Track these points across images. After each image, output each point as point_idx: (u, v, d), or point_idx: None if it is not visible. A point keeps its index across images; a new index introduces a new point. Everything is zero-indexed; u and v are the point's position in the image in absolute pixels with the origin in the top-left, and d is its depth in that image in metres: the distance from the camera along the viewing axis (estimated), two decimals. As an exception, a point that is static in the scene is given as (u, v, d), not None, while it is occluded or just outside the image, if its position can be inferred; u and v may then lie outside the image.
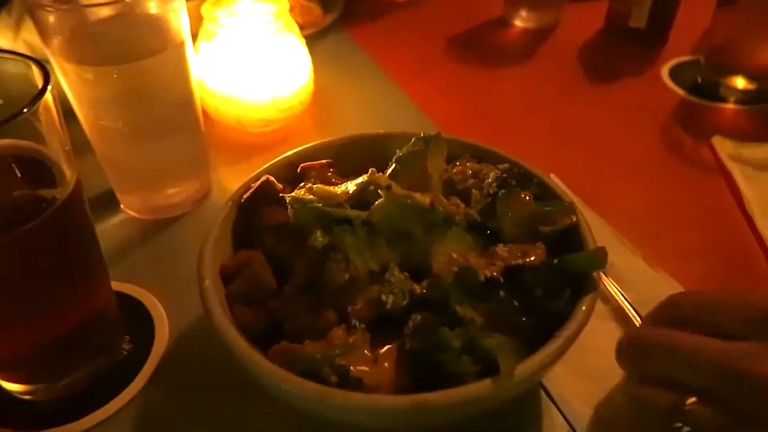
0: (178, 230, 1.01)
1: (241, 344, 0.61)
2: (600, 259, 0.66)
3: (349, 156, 0.89)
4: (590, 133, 1.23)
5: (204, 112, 1.05)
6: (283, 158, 0.85)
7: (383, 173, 0.75)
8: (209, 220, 0.80)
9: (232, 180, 1.13)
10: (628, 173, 1.14)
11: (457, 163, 0.83)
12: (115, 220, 1.02)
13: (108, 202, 1.04)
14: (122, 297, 0.88)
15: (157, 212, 1.02)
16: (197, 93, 0.99)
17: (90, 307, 0.75)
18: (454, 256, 0.67)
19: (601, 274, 0.72)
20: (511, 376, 0.57)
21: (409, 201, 0.70)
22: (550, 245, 0.71)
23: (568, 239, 0.73)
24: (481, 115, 1.31)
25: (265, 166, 0.83)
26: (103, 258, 0.76)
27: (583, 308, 0.64)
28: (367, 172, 0.85)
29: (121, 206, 1.04)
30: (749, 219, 1.00)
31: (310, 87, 1.24)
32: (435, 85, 1.41)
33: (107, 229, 1.00)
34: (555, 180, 1.00)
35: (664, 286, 0.86)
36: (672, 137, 1.22)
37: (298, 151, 0.86)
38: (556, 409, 0.75)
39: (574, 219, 0.73)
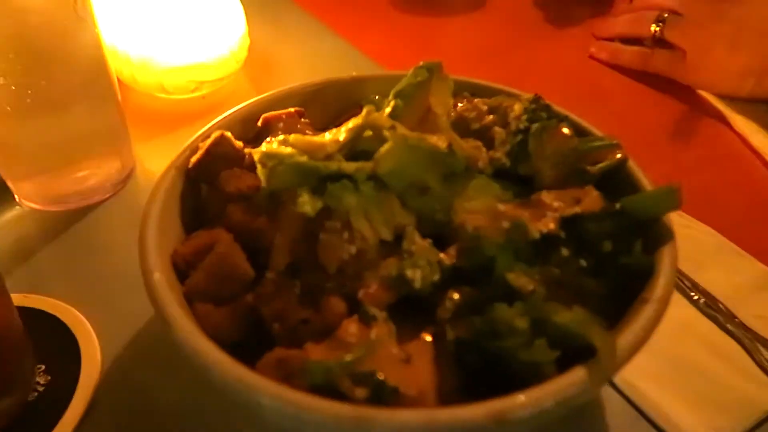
0: (97, 222, 0.79)
1: (220, 359, 0.42)
2: (672, 198, 0.52)
3: (317, 106, 0.70)
4: (549, 82, 1.11)
5: (118, 80, 0.83)
6: (236, 111, 0.65)
7: (380, 111, 0.57)
8: (137, 205, 0.59)
9: (160, 156, 0.90)
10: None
11: (459, 104, 0.67)
12: (9, 215, 0.78)
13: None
14: (31, 314, 0.65)
15: (67, 201, 0.79)
16: (106, 50, 0.76)
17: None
18: (498, 208, 0.51)
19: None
20: (614, 357, 0.42)
21: (422, 143, 0.52)
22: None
23: (614, 181, 0.58)
24: (429, 56, 1.16)
25: (214, 121, 0.63)
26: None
27: (667, 260, 0.49)
28: (341, 124, 0.68)
29: (16, 197, 0.80)
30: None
31: (246, 41, 1.04)
32: (382, 35, 1.25)
33: (-1, 228, 0.76)
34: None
35: (707, 240, 0.74)
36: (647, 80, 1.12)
37: (255, 101, 0.67)
38: (612, 389, 0.61)
39: (623, 154, 0.58)
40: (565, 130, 0.56)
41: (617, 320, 0.48)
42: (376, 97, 0.71)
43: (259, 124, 0.63)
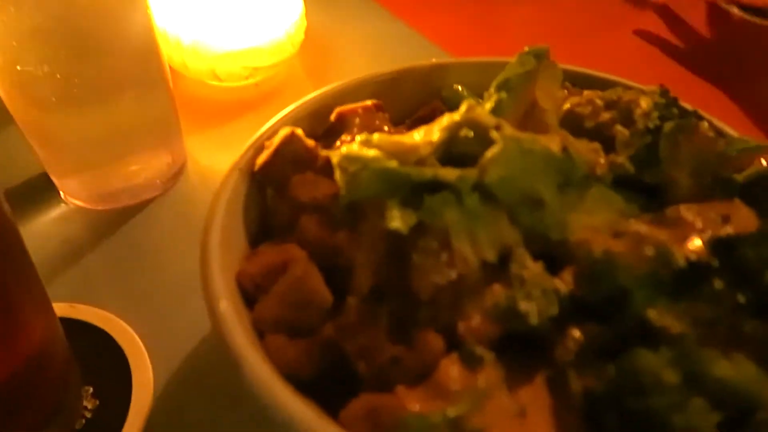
0: (147, 222, 0.72)
1: (304, 413, 0.34)
2: None
3: (392, 97, 0.62)
4: (628, 68, 1.00)
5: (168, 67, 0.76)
6: (304, 103, 0.57)
7: (480, 106, 0.48)
8: (190, 203, 0.52)
9: (212, 149, 0.84)
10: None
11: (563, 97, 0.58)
12: (54, 213, 0.72)
13: (41, 190, 0.74)
14: (77, 327, 0.59)
15: (115, 199, 0.73)
16: (157, 34, 0.69)
17: (21, 350, 0.47)
18: (636, 228, 0.41)
19: None
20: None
21: (536, 147, 0.43)
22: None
23: (755, 192, 0.49)
24: (496, 39, 1.07)
25: (280, 115, 0.55)
26: (36, 273, 0.48)
27: None
28: (420, 121, 0.60)
29: (62, 194, 0.74)
30: None
31: (303, 24, 0.95)
32: (444, 18, 1.16)
33: (42, 229, 0.70)
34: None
35: None
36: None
37: (325, 92, 0.59)
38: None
39: (770, 161, 0.48)
40: (709, 132, 0.46)
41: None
42: (459, 88, 0.63)
43: (332, 118, 0.55)
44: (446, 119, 0.47)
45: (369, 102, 0.56)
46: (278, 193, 0.50)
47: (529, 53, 0.49)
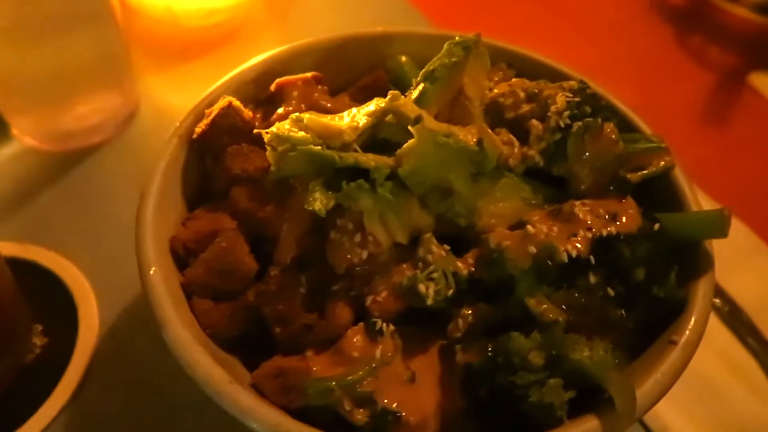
0: (99, 165, 0.75)
1: (212, 372, 0.40)
2: (720, 224, 0.47)
3: (338, 63, 0.64)
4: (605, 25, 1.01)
5: (121, 1, 0.75)
6: (246, 69, 0.59)
7: (406, 95, 0.51)
8: (143, 147, 0.55)
9: (167, 92, 0.85)
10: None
11: (495, 78, 0.60)
12: (5, 152, 0.74)
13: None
14: (27, 267, 0.63)
15: (67, 140, 0.74)
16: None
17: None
18: (528, 229, 0.46)
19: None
20: (632, 411, 0.39)
21: (451, 141, 0.47)
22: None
23: (652, 189, 0.53)
24: (487, 17, 1.06)
25: (221, 81, 0.58)
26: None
27: (702, 296, 0.46)
28: (362, 90, 0.62)
29: (13, 131, 0.75)
30: None
31: (265, -37, 0.94)
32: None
33: (-6, 166, 0.72)
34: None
35: (742, 240, 0.69)
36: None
37: (269, 57, 0.60)
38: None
39: (669, 161, 0.53)
40: (612, 134, 0.50)
41: (642, 352, 0.45)
42: (403, 59, 0.65)
43: (272, 89, 0.57)
44: (374, 104, 0.50)
45: (309, 74, 0.58)
46: (215, 162, 0.53)
47: (458, 44, 0.52)
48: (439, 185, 0.48)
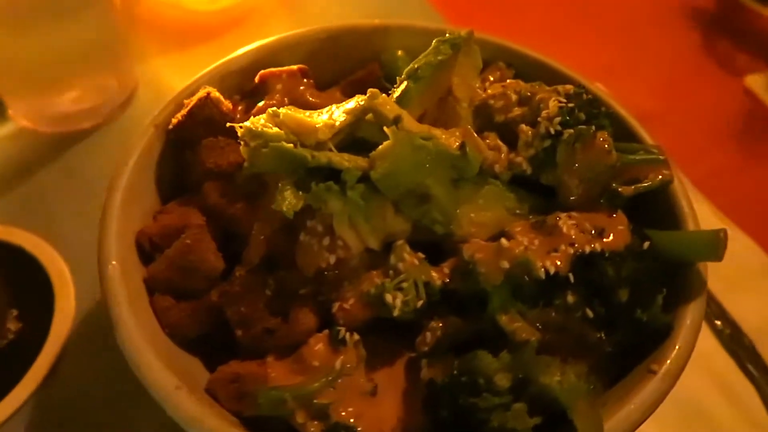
0: (93, 149, 0.74)
1: (159, 377, 0.38)
2: (715, 246, 0.44)
3: (328, 58, 0.62)
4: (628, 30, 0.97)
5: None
6: (233, 59, 0.57)
7: (389, 94, 0.49)
8: (134, 134, 0.53)
9: (167, 77, 0.84)
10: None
11: (490, 78, 0.58)
12: (1, 131, 0.74)
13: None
14: (8, 251, 0.62)
15: (61, 122, 0.74)
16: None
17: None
18: (503, 243, 0.43)
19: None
20: (596, 449, 0.37)
21: (429, 144, 0.45)
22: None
23: (648, 204, 0.50)
24: (505, 16, 1.02)
25: (205, 70, 0.56)
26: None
27: (689, 322, 0.43)
28: (354, 85, 0.60)
29: (9, 112, 0.75)
30: None
31: (275, -52, 0.92)
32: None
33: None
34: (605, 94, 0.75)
35: (751, 259, 0.65)
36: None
37: (257, 48, 0.58)
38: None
39: (668, 174, 0.49)
40: (605, 144, 0.47)
41: (621, 378, 0.43)
42: (399, 53, 0.62)
43: (256, 80, 0.55)
44: (354, 102, 0.48)
45: (294, 67, 0.56)
46: (190, 154, 0.51)
47: (446, 41, 0.49)
48: (415, 190, 0.45)
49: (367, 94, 0.47)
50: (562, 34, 0.97)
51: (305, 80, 0.56)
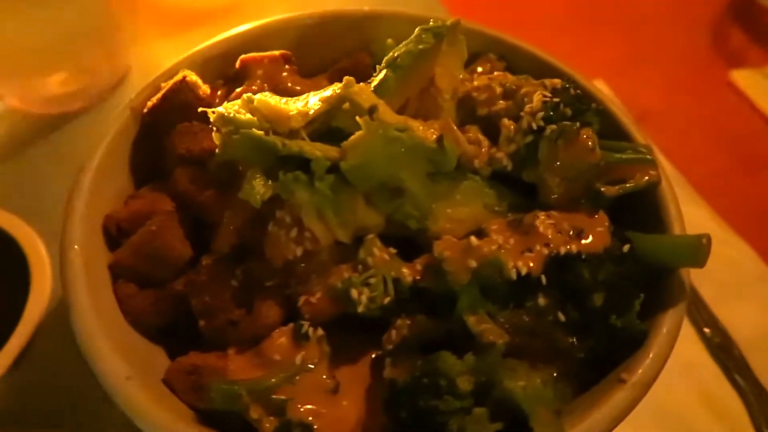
0: (81, 131, 0.73)
1: (109, 366, 0.37)
2: (698, 251, 0.42)
3: (317, 44, 0.60)
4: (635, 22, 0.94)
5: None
6: (215, 43, 0.56)
7: (367, 82, 0.47)
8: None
9: (161, 60, 0.82)
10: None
11: (479, 69, 0.56)
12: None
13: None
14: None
15: (50, 104, 0.73)
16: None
17: None
18: (472, 241, 0.42)
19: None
20: (556, 459, 0.35)
21: (404, 136, 0.43)
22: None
23: (634, 205, 0.48)
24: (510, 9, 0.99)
25: (186, 54, 0.55)
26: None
27: (665, 330, 0.41)
28: (341, 73, 0.58)
29: (0, 91, 0.74)
30: None
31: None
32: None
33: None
34: (603, 90, 0.73)
35: (746, 266, 0.63)
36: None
37: (242, 32, 0.57)
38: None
39: (655, 176, 0.47)
40: (588, 141, 0.45)
41: (593, 385, 0.41)
42: (389, 42, 0.60)
43: (238, 65, 0.54)
44: (331, 90, 0.46)
45: (277, 52, 0.54)
46: (165, 139, 0.50)
47: (429, 29, 0.47)
48: (388, 183, 0.44)
49: (343, 82, 0.45)
50: (567, 28, 0.95)
51: (287, 66, 0.54)
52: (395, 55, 0.47)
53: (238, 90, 0.52)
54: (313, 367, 0.41)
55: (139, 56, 0.82)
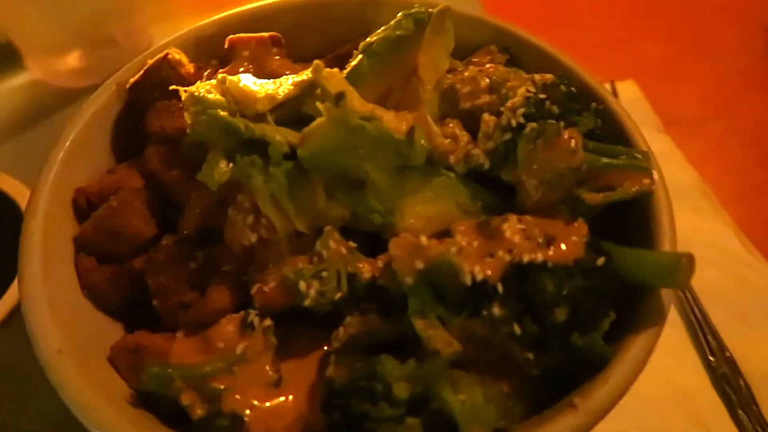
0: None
1: (43, 336, 0.37)
2: (678, 271, 0.38)
3: (315, 28, 0.59)
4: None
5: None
6: (208, 23, 0.55)
7: (342, 68, 0.45)
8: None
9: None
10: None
11: (474, 60, 0.53)
12: (16, 81, 0.76)
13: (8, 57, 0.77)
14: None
15: (69, 78, 0.75)
16: None
17: None
18: (421, 241, 0.39)
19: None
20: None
21: (368, 125, 0.41)
22: (593, 222, 0.43)
23: (627, 216, 0.44)
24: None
25: (179, 33, 0.55)
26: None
27: (631, 356, 0.37)
28: (339, 59, 0.57)
29: (26, 61, 0.77)
30: None
31: None
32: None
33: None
34: (630, 92, 0.68)
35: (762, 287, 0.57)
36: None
37: (237, 13, 0.57)
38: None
39: (647, 184, 0.43)
40: (571, 142, 0.41)
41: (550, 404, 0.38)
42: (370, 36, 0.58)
43: (226, 45, 0.53)
44: (304, 75, 0.45)
45: (266, 34, 0.53)
46: (145, 116, 0.50)
47: (409, 15, 0.45)
48: (350, 174, 0.42)
49: (312, 66, 0.43)
50: (605, 23, 0.89)
51: (276, 49, 0.53)
52: (371, 41, 0.45)
53: (222, 70, 0.51)
54: (254, 357, 0.40)
55: (165, 33, 0.82)
